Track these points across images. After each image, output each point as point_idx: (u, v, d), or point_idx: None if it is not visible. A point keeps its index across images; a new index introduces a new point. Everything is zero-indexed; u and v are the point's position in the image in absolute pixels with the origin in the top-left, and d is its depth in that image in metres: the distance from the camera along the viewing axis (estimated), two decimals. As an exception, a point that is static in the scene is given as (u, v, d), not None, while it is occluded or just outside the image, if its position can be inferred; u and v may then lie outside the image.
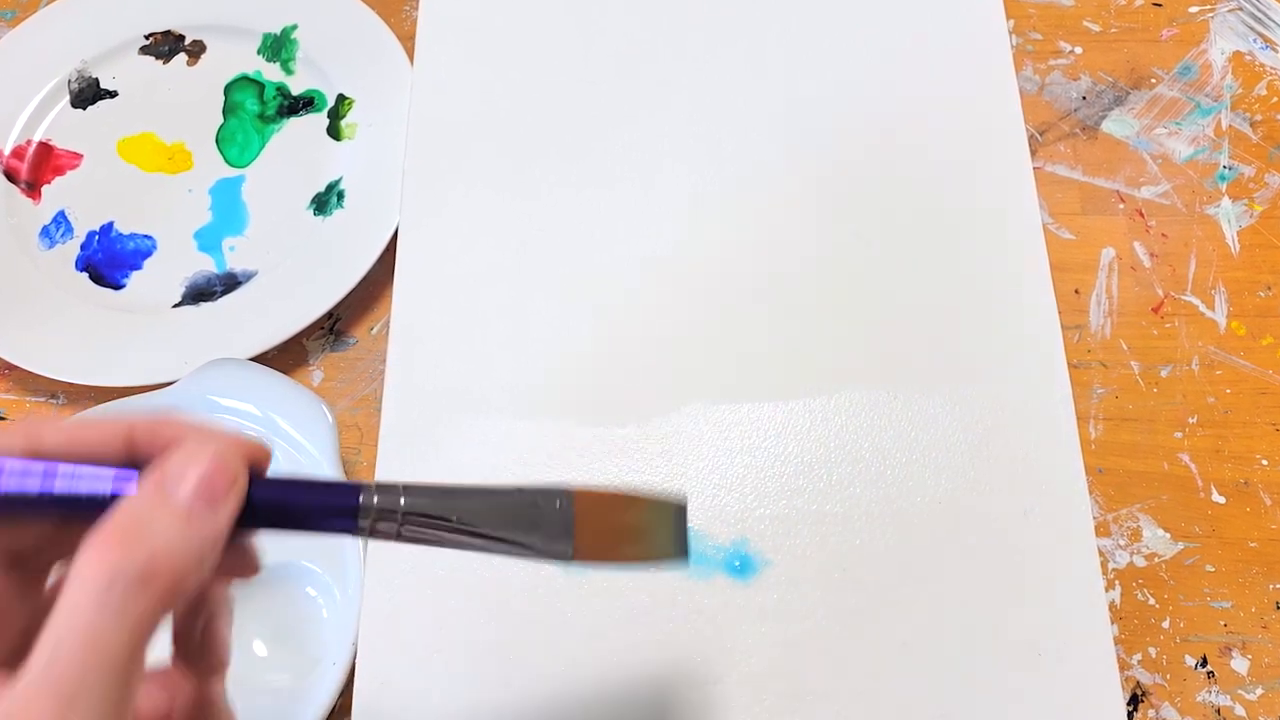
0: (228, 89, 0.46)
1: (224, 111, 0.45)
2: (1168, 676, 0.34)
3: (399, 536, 0.21)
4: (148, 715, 0.20)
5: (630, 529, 0.26)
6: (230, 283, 0.41)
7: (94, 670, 0.17)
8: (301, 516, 0.21)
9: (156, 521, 0.18)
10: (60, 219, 0.43)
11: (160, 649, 0.20)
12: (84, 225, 0.43)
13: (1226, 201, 0.42)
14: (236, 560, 0.21)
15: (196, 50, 0.47)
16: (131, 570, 0.17)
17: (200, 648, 0.21)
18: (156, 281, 0.41)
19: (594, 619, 0.32)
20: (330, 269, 0.40)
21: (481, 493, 0.23)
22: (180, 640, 0.21)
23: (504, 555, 0.23)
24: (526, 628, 0.32)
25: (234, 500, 0.19)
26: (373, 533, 0.21)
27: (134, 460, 0.20)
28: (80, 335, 0.39)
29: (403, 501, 0.21)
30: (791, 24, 0.42)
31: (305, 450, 0.36)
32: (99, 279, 0.41)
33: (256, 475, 0.20)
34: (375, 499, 0.21)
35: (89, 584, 0.17)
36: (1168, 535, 0.36)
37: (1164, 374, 0.39)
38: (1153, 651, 0.34)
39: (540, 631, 0.32)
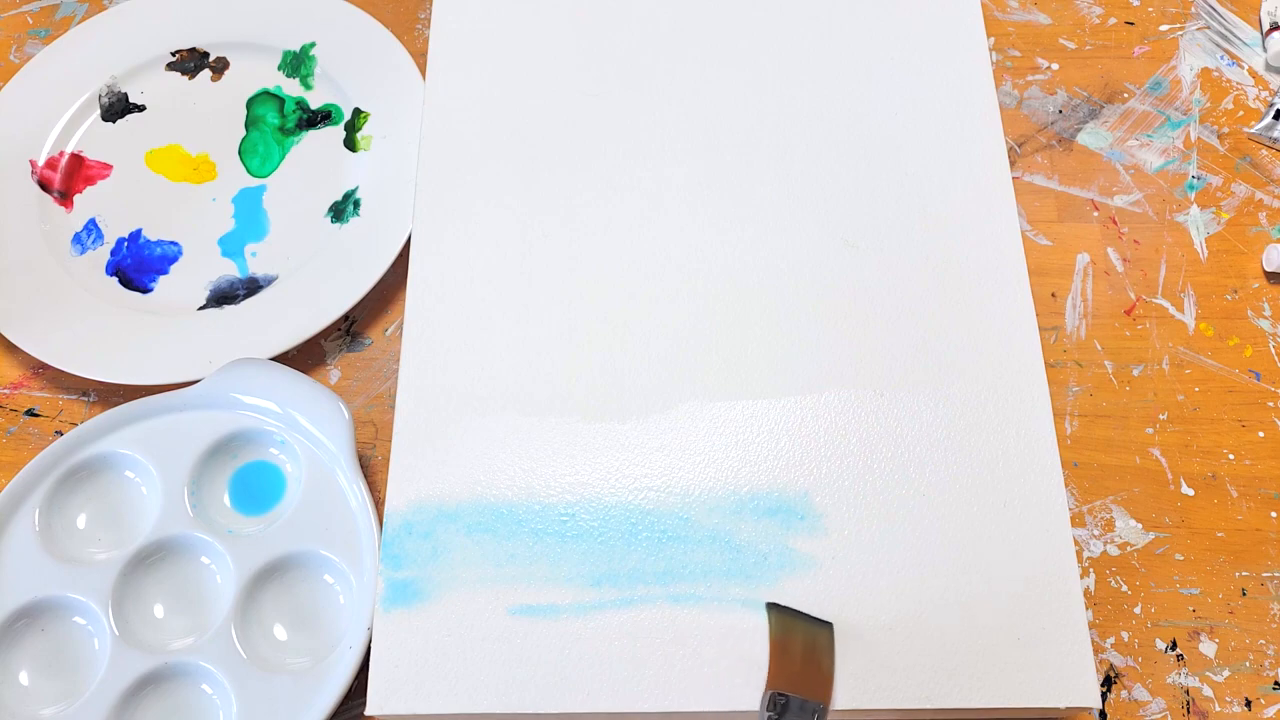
0: (250, 103, 0.46)
1: (246, 124, 0.46)
2: (1139, 659, 0.35)
3: None
4: None
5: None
6: (252, 287, 0.42)
7: None
8: None
9: None
10: (91, 226, 0.44)
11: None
12: (114, 232, 0.44)
13: (1195, 210, 0.43)
14: None
15: (220, 66, 0.47)
16: None
17: None
18: (182, 285, 0.42)
19: (598, 628, 0.33)
20: (347, 274, 0.41)
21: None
22: None
23: None
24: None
25: None
26: None
27: None
28: (110, 336, 0.40)
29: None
30: (785, 47, 0.43)
31: (323, 445, 0.36)
32: (128, 283, 0.42)
33: None
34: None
35: None
36: (1139, 526, 0.37)
37: (1136, 373, 0.39)
38: (1125, 636, 0.35)
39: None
